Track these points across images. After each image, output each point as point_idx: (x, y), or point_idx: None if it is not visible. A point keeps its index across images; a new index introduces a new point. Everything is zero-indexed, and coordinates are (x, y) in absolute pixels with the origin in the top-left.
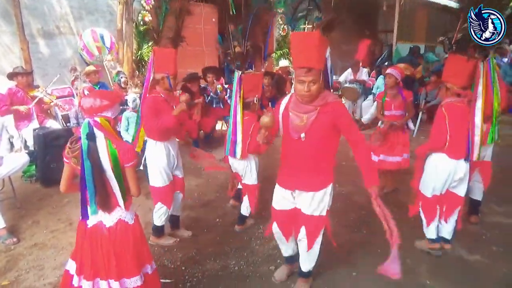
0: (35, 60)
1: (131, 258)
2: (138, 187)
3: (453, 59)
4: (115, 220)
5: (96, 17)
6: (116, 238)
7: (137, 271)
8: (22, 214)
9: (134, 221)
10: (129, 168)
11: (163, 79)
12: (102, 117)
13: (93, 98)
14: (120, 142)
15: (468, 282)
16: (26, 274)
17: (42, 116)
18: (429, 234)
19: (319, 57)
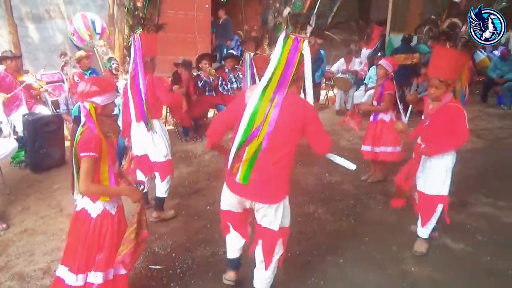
0: (24, 44)
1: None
2: (85, 183)
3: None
4: (98, 212)
5: (86, 2)
6: (95, 228)
7: (106, 265)
8: (12, 200)
9: (116, 212)
10: (82, 159)
11: (150, 61)
12: (90, 102)
13: (85, 83)
14: (90, 132)
15: (452, 270)
16: (16, 259)
17: (32, 101)
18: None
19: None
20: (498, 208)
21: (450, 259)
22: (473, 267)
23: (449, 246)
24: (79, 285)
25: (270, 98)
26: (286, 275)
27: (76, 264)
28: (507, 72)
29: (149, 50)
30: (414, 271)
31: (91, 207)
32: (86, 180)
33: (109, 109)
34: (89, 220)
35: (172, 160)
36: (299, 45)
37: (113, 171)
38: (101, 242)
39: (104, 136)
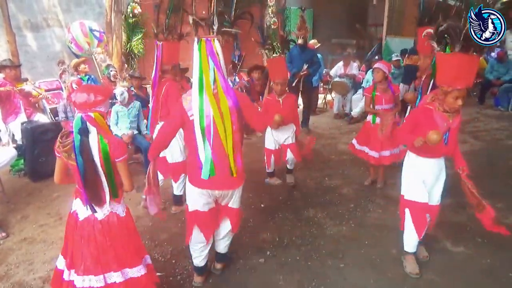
0: (22, 53)
1: (129, 249)
2: (131, 181)
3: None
4: (106, 213)
5: (84, 9)
6: (110, 230)
7: (139, 261)
8: (11, 209)
9: (126, 214)
10: (120, 163)
11: (172, 68)
12: (96, 111)
13: (87, 93)
14: (111, 136)
15: (452, 272)
16: (16, 268)
17: (30, 109)
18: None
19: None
20: (496, 210)
21: (450, 262)
22: (473, 270)
23: (449, 249)
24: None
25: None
26: (286, 280)
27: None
28: (503, 73)
29: (170, 58)
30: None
31: (119, 209)
32: (131, 179)
33: (106, 115)
34: (121, 220)
35: (184, 162)
36: (212, 45)
37: None
38: (131, 237)
39: None
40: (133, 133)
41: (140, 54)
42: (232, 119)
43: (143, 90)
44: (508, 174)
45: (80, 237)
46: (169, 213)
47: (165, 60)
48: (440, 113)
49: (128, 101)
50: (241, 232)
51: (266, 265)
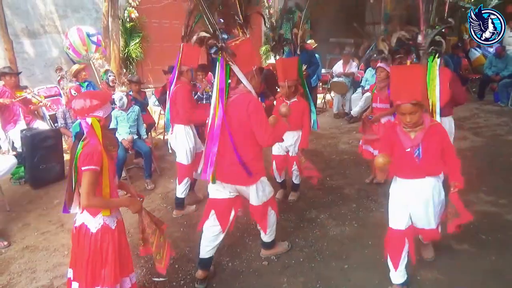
0: (20, 60)
1: (109, 267)
2: (88, 196)
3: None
4: (98, 226)
5: (81, 15)
6: (97, 244)
7: (114, 281)
8: (12, 217)
9: (116, 226)
10: (84, 172)
11: (187, 71)
12: (93, 117)
13: (83, 99)
14: (91, 145)
15: (457, 271)
16: (18, 277)
17: (29, 117)
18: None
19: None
20: (499, 206)
21: (454, 260)
22: (478, 268)
23: (453, 247)
24: None
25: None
26: (290, 282)
27: (83, 280)
28: (502, 69)
29: (188, 60)
30: (419, 274)
31: (90, 222)
32: (89, 193)
33: (108, 120)
34: (89, 235)
35: (191, 166)
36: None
37: (114, 185)
38: (104, 257)
39: (105, 149)
40: (132, 138)
41: (138, 58)
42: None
43: (141, 94)
44: (509, 169)
45: (76, 244)
46: (171, 218)
47: (182, 61)
48: (402, 129)
49: (127, 106)
50: (244, 235)
51: (269, 268)
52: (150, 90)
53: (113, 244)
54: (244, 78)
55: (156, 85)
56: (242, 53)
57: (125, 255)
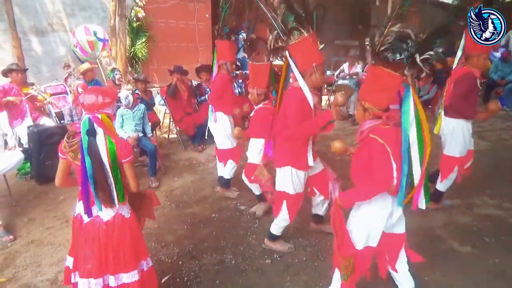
0: (27, 57)
1: (128, 252)
2: (137, 182)
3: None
4: (112, 214)
5: (89, 14)
6: (114, 231)
7: (135, 265)
8: (18, 212)
9: (131, 215)
10: (126, 164)
11: (222, 65)
12: (103, 113)
13: (95, 95)
14: (118, 138)
15: (460, 273)
16: (24, 271)
17: (36, 113)
18: None
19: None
20: (503, 210)
21: (458, 262)
22: (481, 270)
23: (457, 250)
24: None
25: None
26: (293, 281)
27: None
28: (508, 73)
29: (222, 55)
30: (421, 276)
31: (124, 210)
32: (137, 179)
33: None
34: (125, 221)
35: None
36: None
37: None
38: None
39: None
40: (138, 136)
41: (144, 58)
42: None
43: (148, 93)
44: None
45: (84, 240)
46: (176, 216)
47: (218, 56)
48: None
49: (133, 104)
50: (248, 233)
51: (273, 266)
52: (155, 90)
53: (130, 232)
54: (298, 75)
55: (162, 84)
56: (300, 51)
57: (140, 241)
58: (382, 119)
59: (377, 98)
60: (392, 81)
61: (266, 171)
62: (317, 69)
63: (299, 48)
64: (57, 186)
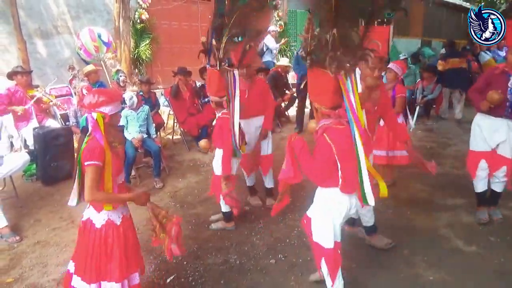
0: (32, 60)
1: (114, 261)
2: (90, 192)
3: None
4: (103, 222)
5: (93, 16)
6: (101, 238)
7: (120, 277)
8: (24, 213)
9: (122, 222)
10: (86, 167)
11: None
12: (99, 112)
13: (92, 94)
14: (95, 140)
15: (465, 272)
16: (30, 271)
17: (41, 115)
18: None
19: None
20: (509, 209)
21: (462, 261)
22: (486, 269)
23: (461, 249)
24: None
25: None
26: (298, 281)
27: (87, 274)
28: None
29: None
30: (427, 275)
31: (95, 217)
32: (92, 188)
33: (116, 119)
34: (94, 230)
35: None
36: None
37: (116, 182)
38: (108, 252)
39: (109, 145)
40: (142, 137)
41: (148, 59)
42: None
43: (152, 95)
44: None
45: (83, 244)
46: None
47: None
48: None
49: (137, 105)
50: (252, 233)
51: (277, 266)
52: (159, 91)
53: (118, 240)
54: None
55: (165, 86)
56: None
57: (133, 251)
58: (334, 118)
59: (320, 98)
60: (325, 81)
61: (226, 184)
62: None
63: None
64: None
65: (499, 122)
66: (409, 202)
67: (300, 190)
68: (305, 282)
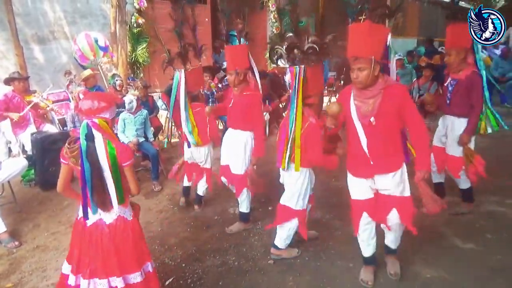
0: (30, 65)
1: (131, 254)
2: (138, 185)
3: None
4: (114, 217)
5: (89, 21)
6: (117, 234)
7: (138, 267)
8: (23, 218)
9: (133, 218)
10: (127, 167)
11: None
12: (100, 118)
13: (91, 100)
14: (118, 142)
15: (463, 270)
16: (29, 276)
17: (39, 120)
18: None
19: (365, 45)
20: (505, 206)
21: (460, 259)
22: (484, 267)
23: (459, 247)
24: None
25: None
26: (296, 281)
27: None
28: (508, 70)
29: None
30: (425, 273)
31: (126, 213)
32: (137, 182)
33: (113, 122)
34: (128, 224)
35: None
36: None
37: None
38: (136, 242)
39: None
40: (138, 141)
41: (145, 62)
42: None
43: (149, 98)
44: None
45: (88, 242)
46: (179, 219)
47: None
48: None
49: (136, 109)
50: (250, 234)
51: (275, 266)
52: (156, 95)
53: (132, 235)
54: None
55: (163, 89)
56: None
57: (142, 244)
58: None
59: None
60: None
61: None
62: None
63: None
64: (59, 192)
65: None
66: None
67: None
68: (303, 282)
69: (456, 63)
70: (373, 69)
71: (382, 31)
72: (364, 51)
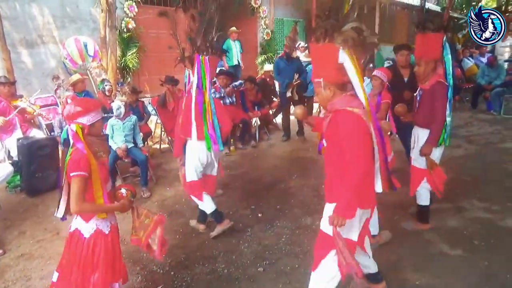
0: (17, 70)
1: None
2: (77, 201)
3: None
4: (94, 228)
5: (79, 26)
6: (89, 247)
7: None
8: (8, 225)
9: (111, 231)
10: (72, 178)
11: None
12: (76, 123)
13: (70, 105)
14: (79, 151)
15: (450, 276)
16: (13, 285)
17: (26, 125)
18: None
19: (315, 68)
20: (492, 213)
21: (448, 266)
22: (472, 273)
23: (447, 253)
24: None
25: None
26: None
27: (72, 285)
28: (494, 78)
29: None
30: (414, 279)
31: (83, 227)
32: (78, 199)
33: (97, 128)
34: (82, 240)
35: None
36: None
37: (106, 190)
38: (95, 262)
39: (94, 155)
40: (126, 147)
41: (135, 68)
42: None
43: (139, 104)
44: (502, 176)
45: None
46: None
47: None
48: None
49: (125, 115)
50: (240, 242)
51: (265, 274)
52: (147, 100)
53: (105, 249)
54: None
55: (153, 94)
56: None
57: (119, 259)
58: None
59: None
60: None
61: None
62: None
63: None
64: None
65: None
66: (396, 206)
67: (290, 198)
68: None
69: (425, 74)
70: (324, 90)
71: (328, 50)
72: (314, 74)
